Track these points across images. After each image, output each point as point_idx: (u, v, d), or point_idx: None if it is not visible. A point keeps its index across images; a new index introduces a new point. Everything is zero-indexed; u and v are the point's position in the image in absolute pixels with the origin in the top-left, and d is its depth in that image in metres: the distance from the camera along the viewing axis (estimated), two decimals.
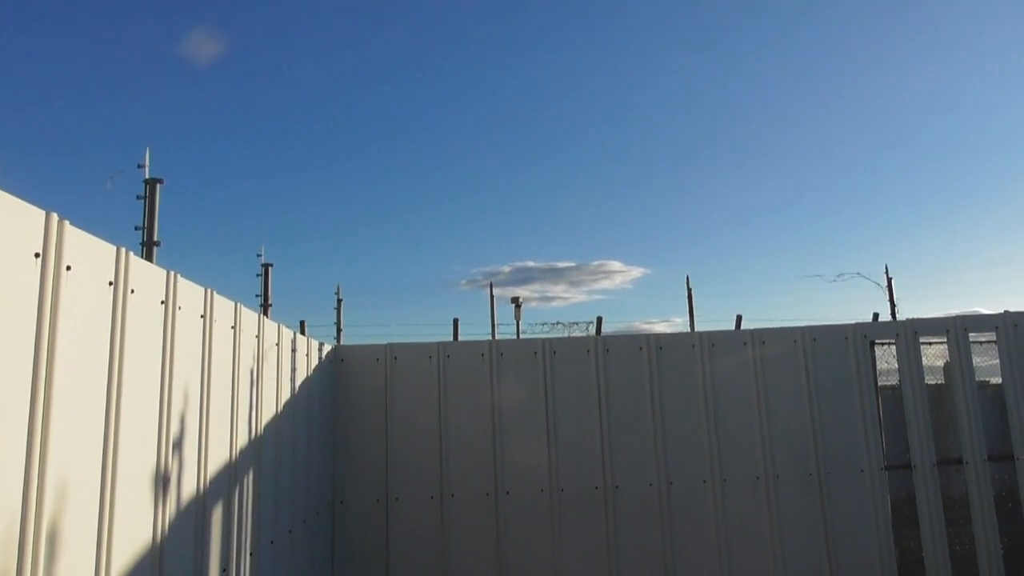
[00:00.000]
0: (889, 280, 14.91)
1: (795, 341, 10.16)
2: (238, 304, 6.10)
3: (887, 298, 14.11)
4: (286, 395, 7.42)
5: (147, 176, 8.88)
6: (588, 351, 10.06)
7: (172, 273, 4.89)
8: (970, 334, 10.22)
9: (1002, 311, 10.28)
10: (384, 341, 10.07)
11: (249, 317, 6.40)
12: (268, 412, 6.80)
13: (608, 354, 10.04)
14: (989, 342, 10.37)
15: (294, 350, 7.86)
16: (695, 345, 10.12)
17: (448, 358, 9.91)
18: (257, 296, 12.23)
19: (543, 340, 10.25)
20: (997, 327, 10.21)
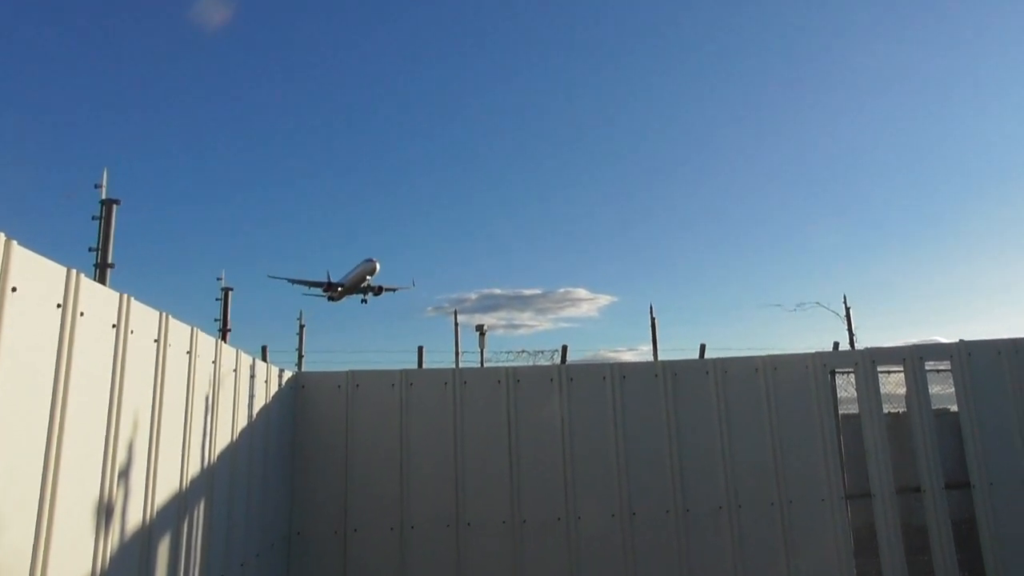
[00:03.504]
0: (847, 310, 15.18)
1: (757, 370, 10.23)
2: (194, 328, 5.97)
3: (846, 327, 14.35)
4: (243, 423, 7.25)
5: (104, 196, 8.72)
6: (552, 380, 10.01)
7: (125, 296, 4.77)
8: (927, 363, 10.38)
9: (958, 340, 10.47)
10: (347, 367, 9.93)
11: (205, 342, 6.26)
12: (223, 440, 6.63)
13: (572, 383, 10.00)
14: (946, 371, 10.53)
15: (253, 376, 7.70)
16: (658, 374, 10.13)
17: (411, 386, 9.79)
18: (216, 320, 12.04)
19: (507, 368, 10.19)
20: (952, 356, 10.39)
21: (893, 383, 10.49)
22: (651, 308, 11.40)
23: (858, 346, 11.34)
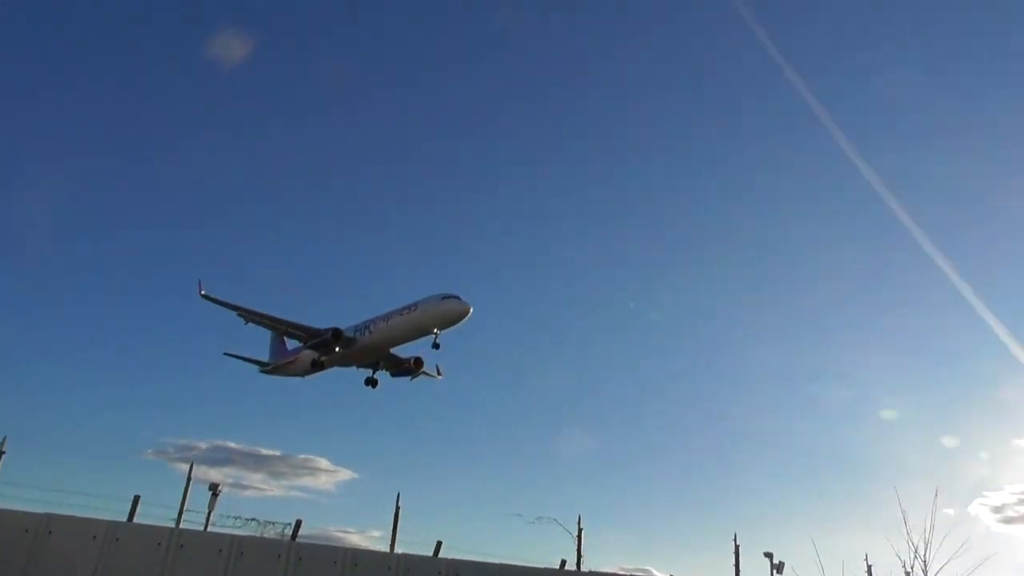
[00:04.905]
0: (580, 530, 15.92)
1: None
2: None
3: (575, 547, 14.97)
4: None
5: None
6: (279, 556, 9.36)
7: None
8: None
9: (669, 575, 11.25)
10: (44, 508, 8.67)
11: None
12: None
13: (301, 563, 9.40)
14: None
15: None
16: (391, 567, 9.84)
17: (117, 541, 8.69)
18: None
19: (233, 537, 9.42)
20: None
21: None
22: (398, 496, 11.24)
23: (584, 567, 11.83)
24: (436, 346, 28.60)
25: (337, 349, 29.45)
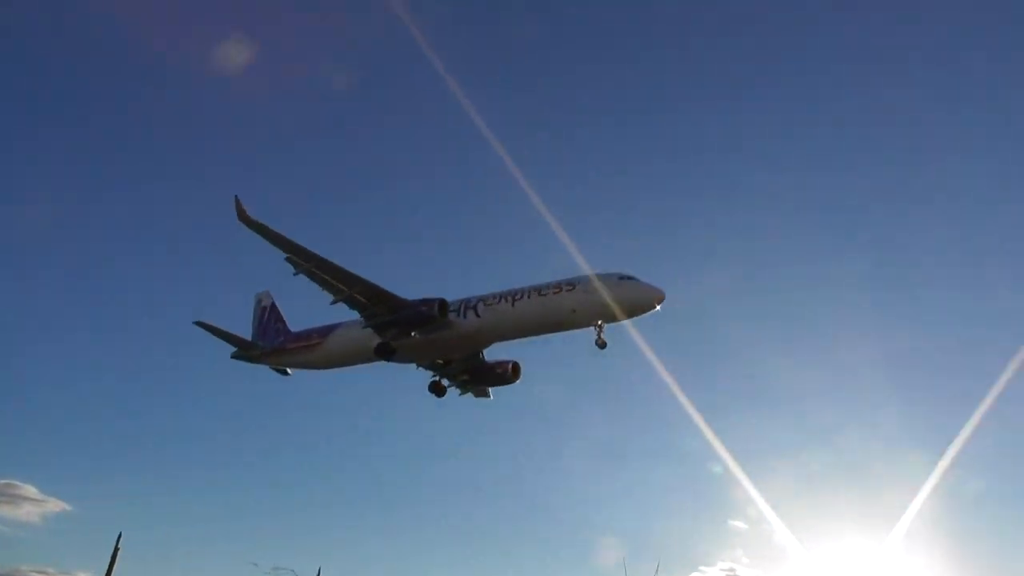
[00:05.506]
0: None
1: None
2: None
3: None
4: None
5: None
6: None
7: None
8: None
9: None
10: None
11: None
12: None
13: None
14: None
15: None
16: None
17: None
18: None
19: None
20: None
21: None
22: (119, 536, 11.01)
23: None
24: (603, 345, 21.73)
25: (413, 334, 20.67)
